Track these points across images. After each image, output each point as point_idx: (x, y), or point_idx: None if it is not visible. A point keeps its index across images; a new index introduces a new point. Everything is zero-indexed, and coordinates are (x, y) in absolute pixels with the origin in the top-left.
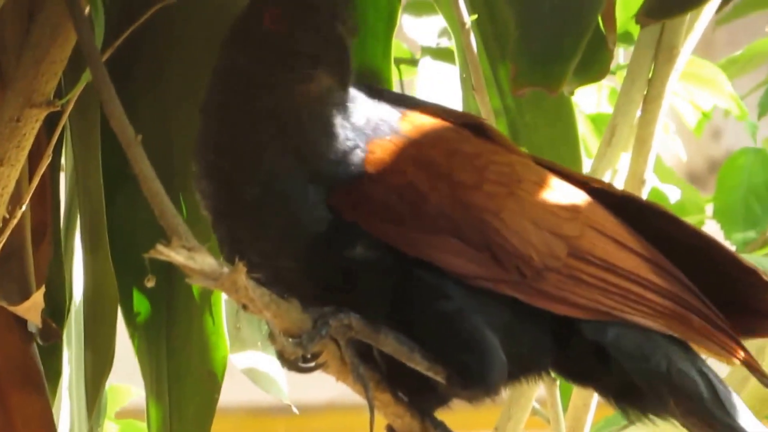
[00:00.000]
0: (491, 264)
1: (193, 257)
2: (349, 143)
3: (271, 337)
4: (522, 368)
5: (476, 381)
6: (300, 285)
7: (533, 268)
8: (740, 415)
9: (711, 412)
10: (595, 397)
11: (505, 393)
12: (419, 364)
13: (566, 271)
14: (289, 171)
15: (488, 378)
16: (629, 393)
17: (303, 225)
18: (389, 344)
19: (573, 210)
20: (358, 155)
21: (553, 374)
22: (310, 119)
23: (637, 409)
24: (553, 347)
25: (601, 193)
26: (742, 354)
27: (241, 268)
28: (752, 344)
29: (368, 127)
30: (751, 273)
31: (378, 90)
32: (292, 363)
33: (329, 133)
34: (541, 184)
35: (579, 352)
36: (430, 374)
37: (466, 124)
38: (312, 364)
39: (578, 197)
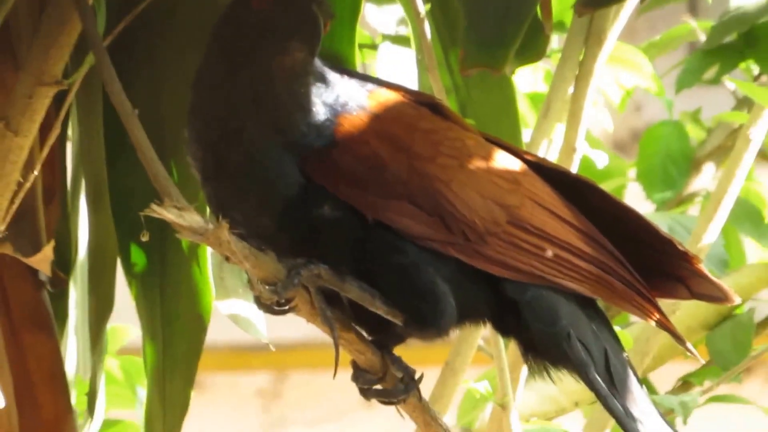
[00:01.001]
0: (440, 227)
1: (183, 215)
2: (321, 116)
3: (251, 284)
4: (466, 315)
5: (429, 324)
6: (276, 240)
7: (477, 232)
8: (628, 394)
9: (593, 384)
10: None
11: (454, 334)
12: (379, 309)
13: (506, 237)
14: (267, 140)
15: (440, 322)
16: (534, 350)
17: (278, 189)
18: (353, 291)
19: (514, 182)
20: (328, 127)
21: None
22: (286, 91)
23: (540, 366)
24: (489, 301)
25: (539, 168)
26: (657, 315)
27: (224, 225)
28: (665, 303)
29: (338, 103)
30: (667, 242)
31: (347, 71)
32: (268, 307)
33: (303, 107)
34: (487, 158)
35: (502, 307)
36: (389, 317)
37: (424, 102)
38: (285, 308)
39: (520, 171)
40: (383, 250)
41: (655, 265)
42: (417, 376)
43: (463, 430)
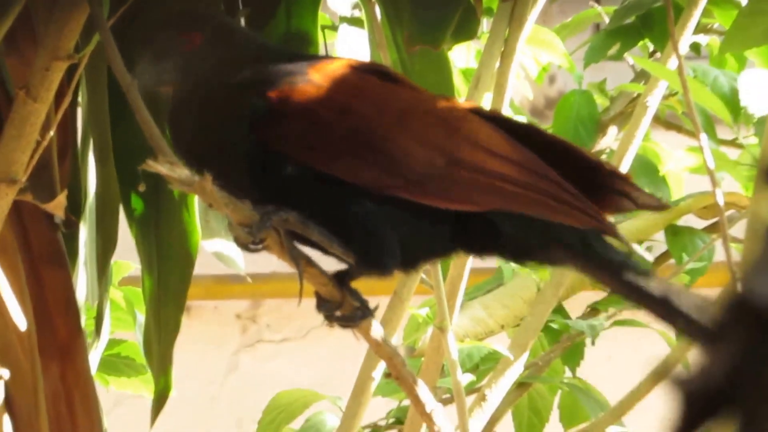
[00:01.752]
0: (384, 176)
1: (174, 169)
2: (267, 87)
3: (230, 227)
4: (426, 253)
5: (374, 265)
6: (249, 192)
7: (417, 174)
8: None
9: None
10: (467, 268)
11: (410, 273)
12: (336, 250)
13: (446, 176)
14: (221, 112)
15: (384, 263)
16: (523, 253)
17: (241, 155)
18: (315, 234)
19: (454, 128)
20: (276, 96)
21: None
22: (203, 63)
23: (535, 262)
24: (455, 233)
25: (496, 119)
26: (595, 223)
27: (208, 177)
28: None
29: (285, 74)
30: (597, 164)
31: (302, 54)
32: (245, 245)
33: (250, 81)
34: (428, 110)
35: (477, 233)
36: (344, 257)
37: (375, 71)
38: (259, 247)
39: (460, 118)
40: (336, 200)
41: (600, 185)
42: (372, 306)
43: (407, 349)
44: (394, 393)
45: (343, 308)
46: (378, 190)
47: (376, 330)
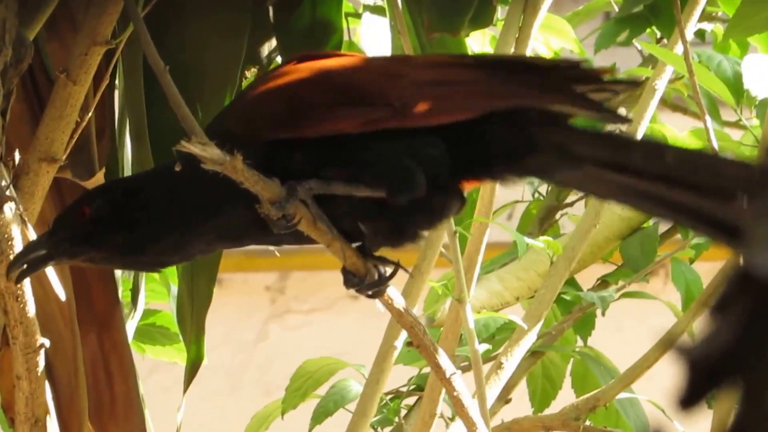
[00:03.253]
0: (368, 112)
1: (206, 149)
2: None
3: (261, 206)
4: (434, 178)
5: (405, 187)
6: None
7: (395, 100)
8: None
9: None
10: (484, 243)
11: (423, 237)
12: (364, 192)
13: (416, 97)
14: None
15: (412, 182)
16: (518, 162)
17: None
18: (340, 188)
19: (403, 59)
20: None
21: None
22: None
23: (533, 173)
24: (455, 157)
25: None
26: (562, 105)
27: (239, 156)
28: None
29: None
30: (555, 67)
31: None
32: (276, 222)
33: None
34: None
35: (472, 150)
36: (374, 196)
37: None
38: (292, 223)
39: (406, 58)
40: (348, 154)
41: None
42: (391, 271)
43: (428, 319)
44: (415, 361)
45: (367, 279)
46: (370, 127)
47: (398, 300)
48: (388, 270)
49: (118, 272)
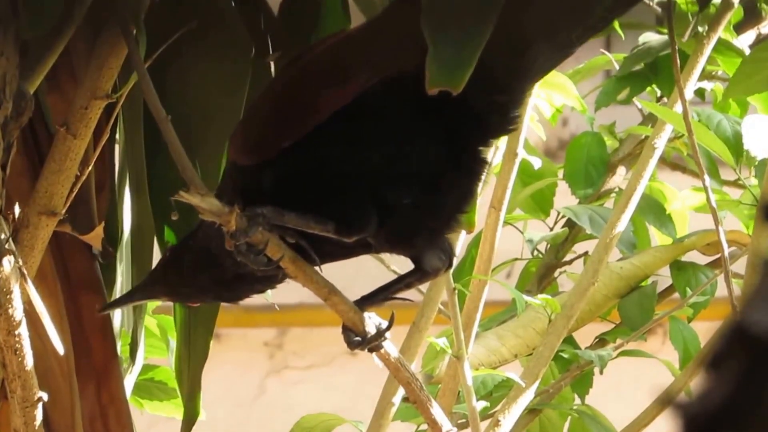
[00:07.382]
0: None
1: (205, 200)
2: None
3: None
4: (431, 177)
5: (351, 225)
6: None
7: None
8: None
9: None
10: (483, 300)
11: (422, 289)
12: (314, 228)
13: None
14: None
15: (359, 222)
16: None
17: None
18: (292, 221)
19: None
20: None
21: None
22: None
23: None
24: (446, 143)
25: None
26: None
27: (237, 209)
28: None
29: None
30: None
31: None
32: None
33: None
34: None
35: (456, 119)
36: (324, 233)
37: None
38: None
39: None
40: (308, 172)
41: None
42: (386, 326)
43: (426, 376)
44: (413, 417)
45: (362, 334)
46: (353, 87)
47: (395, 356)
48: (383, 323)
49: (116, 326)
